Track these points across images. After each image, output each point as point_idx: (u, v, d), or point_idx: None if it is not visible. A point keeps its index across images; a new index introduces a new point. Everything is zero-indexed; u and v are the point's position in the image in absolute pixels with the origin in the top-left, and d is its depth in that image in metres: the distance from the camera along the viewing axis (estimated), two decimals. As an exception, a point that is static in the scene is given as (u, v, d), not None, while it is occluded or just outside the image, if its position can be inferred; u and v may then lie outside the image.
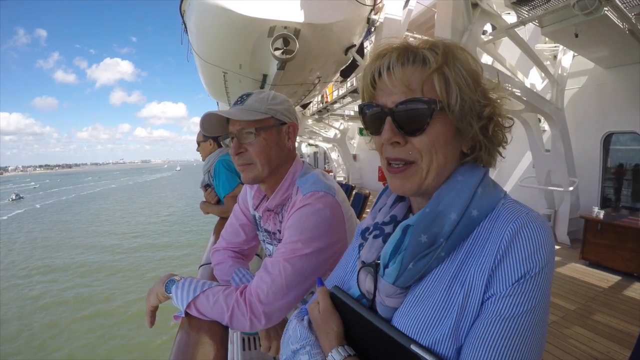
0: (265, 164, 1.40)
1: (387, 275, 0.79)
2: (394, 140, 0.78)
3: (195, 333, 1.20)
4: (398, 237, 0.79)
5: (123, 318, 14.23)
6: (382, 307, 0.82)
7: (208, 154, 3.43)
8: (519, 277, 0.68)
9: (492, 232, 0.74)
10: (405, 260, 0.76)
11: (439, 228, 0.75)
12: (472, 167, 0.82)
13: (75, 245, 27.44)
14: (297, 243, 1.25)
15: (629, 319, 4.35)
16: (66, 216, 44.17)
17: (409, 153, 0.78)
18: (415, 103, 0.75)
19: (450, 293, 0.73)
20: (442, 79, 0.75)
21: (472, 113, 0.77)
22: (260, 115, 1.37)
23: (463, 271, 0.73)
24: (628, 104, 7.06)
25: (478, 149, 0.82)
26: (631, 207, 7.42)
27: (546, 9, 5.10)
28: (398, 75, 0.76)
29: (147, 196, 69.85)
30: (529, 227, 0.70)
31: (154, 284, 1.39)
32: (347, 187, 5.84)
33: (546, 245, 0.70)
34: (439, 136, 0.77)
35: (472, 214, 0.75)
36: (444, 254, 0.76)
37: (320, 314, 0.91)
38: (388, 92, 0.79)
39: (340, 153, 21.57)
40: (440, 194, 0.78)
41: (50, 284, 18.68)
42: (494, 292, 0.69)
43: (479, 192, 0.77)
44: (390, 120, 0.78)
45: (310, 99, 15.00)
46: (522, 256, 0.68)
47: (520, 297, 0.68)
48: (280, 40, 7.04)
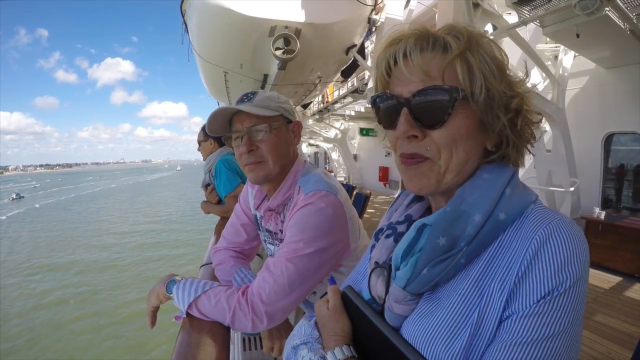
0: (277, 161, 1.40)
1: (398, 279, 0.72)
2: (410, 133, 0.70)
3: (197, 334, 1.20)
4: (412, 236, 0.71)
5: (120, 318, 14.24)
6: (391, 313, 0.75)
7: (209, 154, 3.43)
8: (545, 294, 0.58)
9: (517, 239, 0.65)
10: (420, 263, 0.68)
11: (461, 230, 0.66)
12: (500, 165, 0.74)
13: (73, 245, 27.51)
14: (299, 242, 1.25)
15: (630, 320, 4.35)
16: (65, 215, 44.30)
17: (427, 148, 0.70)
18: (435, 92, 0.67)
19: (466, 307, 0.64)
20: (465, 65, 0.68)
21: (499, 104, 0.69)
22: (272, 112, 1.38)
23: (482, 283, 0.65)
24: (629, 105, 7.04)
25: (505, 146, 0.73)
26: (632, 208, 7.40)
27: (547, 9, 5.08)
28: (416, 61, 0.68)
29: (146, 196, 70.04)
30: (559, 234, 0.61)
31: (155, 284, 1.38)
32: (348, 187, 5.85)
33: (580, 255, 0.61)
34: (461, 130, 0.69)
35: (498, 216, 0.66)
36: (464, 261, 0.67)
37: (329, 312, 0.86)
38: (405, 81, 0.71)
39: (340, 153, 21.55)
40: (463, 191, 0.70)
41: (46, 283, 18.72)
42: (514, 310, 0.60)
43: (507, 192, 0.69)
44: (407, 111, 0.70)
45: (311, 99, 15.00)
46: (550, 268, 0.59)
47: (545, 317, 0.58)
48: (281, 40, 7.04)
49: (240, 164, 1.43)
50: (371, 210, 12.87)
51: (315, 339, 0.87)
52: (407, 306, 0.73)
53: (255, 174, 1.40)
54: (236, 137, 1.39)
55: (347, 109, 17.00)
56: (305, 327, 0.93)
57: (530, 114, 0.74)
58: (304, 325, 0.93)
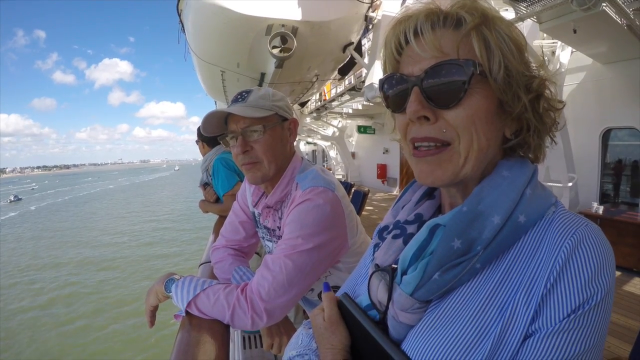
0: (272, 161, 1.39)
1: (405, 284, 0.65)
2: (421, 114, 0.63)
3: (196, 332, 1.19)
4: (424, 237, 0.65)
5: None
6: (395, 322, 0.68)
7: (205, 153, 3.45)
8: (575, 307, 0.53)
9: (542, 245, 0.59)
10: (430, 267, 0.62)
11: (478, 233, 0.60)
12: (520, 161, 0.68)
13: (68, 245, 27.33)
14: (298, 239, 1.24)
15: (629, 314, 4.36)
16: (59, 218, 44.17)
17: (443, 131, 0.63)
18: (450, 67, 0.61)
19: (485, 319, 0.58)
20: (481, 39, 0.62)
21: (519, 84, 0.63)
22: (266, 112, 1.37)
23: (503, 291, 0.59)
24: (626, 100, 7.06)
25: (525, 131, 0.67)
26: (630, 203, 7.43)
27: (544, 5, 5.08)
28: (428, 37, 0.62)
29: (143, 196, 69.79)
30: (589, 242, 0.56)
31: (154, 283, 1.37)
32: (346, 185, 5.85)
33: (610, 265, 0.57)
34: (479, 111, 0.62)
35: (518, 219, 0.61)
36: (479, 266, 0.61)
37: (325, 323, 0.78)
38: (416, 59, 0.65)
39: (338, 151, 21.56)
40: (482, 190, 0.64)
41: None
42: (541, 325, 0.54)
43: (527, 193, 0.63)
44: (418, 90, 0.63)
45: (308, 97, 15.00)
46: (581, 280, 0.54)
47: (575, 334, 0.53)
48: (278, 39, 7.03)
49: (237, 163, 1.42)
50: (369, 208, 12.90)
51: (313, 350, 0.83)
52: (414, 315, 0.66)
53: (253, 175, 1.40)
54: (232, 137, 1.38)
55: (344, 106, 17.01)
56: (303, 336, 0.89)
57: (552, 99, 0.68)
58: (302, 335, 0.90)
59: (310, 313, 0.86)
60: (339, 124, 20.21)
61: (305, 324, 0.92)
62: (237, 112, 1.32)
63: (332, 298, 0.82)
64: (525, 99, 0.63)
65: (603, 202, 7.37)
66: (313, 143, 26.34)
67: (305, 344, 0.86)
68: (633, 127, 7.09)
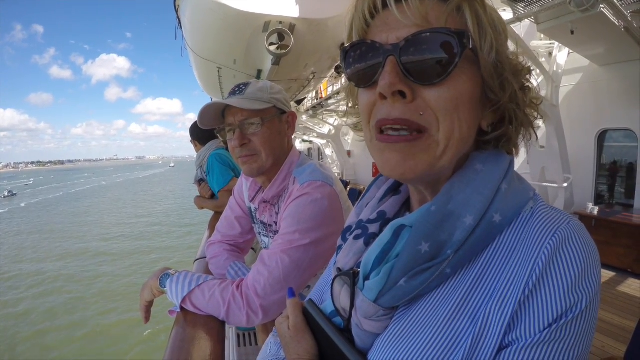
0: (270, 154, 1.38)
1: (368, 290, 0.59)
2: (397, 88, 0.53)
3: (191, 328, 1.18)
4: (387, 239, 0.59)
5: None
6: (360, 331, 0.63)
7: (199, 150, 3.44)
8: (557, 317, 0.48)
9: (519, 246, 0.53)
10: (395, 272, 0.56)
11: (447, 235, 0.54)
12: (495, 154, 0.61)
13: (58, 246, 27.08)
14: (295, 234, 1.23)
15: (623, 314, 4.38)
16: (49, 215, 43.72)
17: (419, 114, 0.53)
18: (438, 35, 0.51)
19: (455, 328, 0.53)
20: (473, 14, 0.54)
21: (509, 69, 0.57)
22: (264, 105, 1.35)
23: (474, 298, 0.53)
24: (623, 101, 7.09)
25: (507, 124, 0.60)
26: (625, 204, 7.47)
27: (542, 5, 5.09)
28: (414, 4, 0.52)
29: (135, 193, 69.39)
30: (573, 242, 0.50)
31: (148, 278, 1.35)
32: (342, 183, 5.84)
33: (596, 267, 0.51)
34: (465, 94, 0.54)
35: (493, 218, 0.55)
36: (450, 271, 0.55)
37: (290, 331, 0.74)
38: (392, 26, 0.55)
39: (334, 149, 21.52)
40: (452, 186, 0.57)
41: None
42: (518, 336, 0.49)
43: (503, 188, 0.56)
44: (394, 60, 0.53)
45: (304, 94, 14.97)
46: (564, 286, 0.48)
47: (557, 346, 0.48)
48: (275, 36, 6.99)
49: (233, 156, 1.41)
50: (365, 207, 12.89)
51: (281, 359, 0.79)
52: (379, 323, 0.61)
53: (249, 167, 1.38)
54: (229, 130, 1.37)
55: (341, 104, 16.98)
56: (272, 345, 0.86)
57: (533, 92, 0.62)
58: (270, 344, 0.87)
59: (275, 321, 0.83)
60: (335, 122, 20.18)
61: (274, 333, 0.89)
62: (235, 104, 1.31)
63: (296, 305, 0.78)
64: (515, 86, 0.57)
65: (598, 203, 7.40)
66: (309, 141, 26.32)
67: (273, 353, 0.84)
68: (629, 129, 7.13)
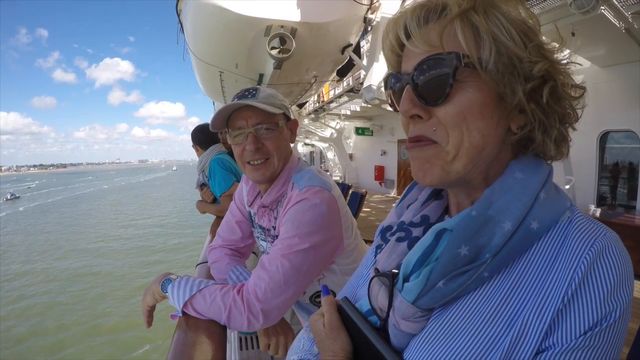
0: (281, 158, 1.40)
1: (407, 291, 0.61)
2: (412, 112, 0.60)
3: (193, 333, 1.18)
4: (429, 242, 0.61)
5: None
6: (396, 331, 0.64)
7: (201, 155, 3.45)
8: (592, 324, 0.50)
9: (559, 255, 0.55)
10: (435, 275, 0.58)
11: (486, 239, 0.56)
12: (535, 162, 0.63)
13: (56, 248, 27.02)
14: (294, 238, 1.24)
15: (626, 317, 4.37)
16: (46, 221, 43.43)
17: (432, 129, 0.60)
18: (433, 61, 0.58)
19: (492, 331, 0.54)
20: (467, 27, 0.57)
21: (514, 71, 0.57)
22: (278, 110, 1.38)
23: (512, 302, 0.55)
24: (624, 103, 7.09)
25: (529, 125, 0.60)
26: (627, 205, 7.46)
27: (543, 7, 5.10)
28: (416, 34, 0.60)
29: (136, 197, 69.24)
30: (610, 253, 0.53)
31: (150, 283, 1.37)
32: (344, 186, 5.85)
33: (630, 278, 0.53)
34: (472, 106, 0.57)
35: (530, 225, 0.56)
36: (487, 275, 0.57)
37: (325, 329, 0.74)
38: (410, 56, 0.63)
39: (336, 152, 21.56)
40: (492, 193, 0.59)
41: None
42: (555, 341, 0.51)
43: (541, 197, 0.58)
44: (410, 88, 0.61)
45: (306, 98, 14.99)
46: (600, 295, 0.51)
47: (591, 352, 0.50)
48: (276, 40, 7.01)
49: (240, 161, 1.42)
50: (367, 209, 12.91)
51: (314, 355, 0.80)
52: (416, 323, 0.62)
53: (262, 173, 1.39)
54: (238, 134, 1.37)
55: (342, 108, 17.03)
56: (305, 340, 0.86)
57: (565, 85, 0.61)
58: (304, 339, 0.87)
59: (309, 317, 0.83)
60: (336, 125, 20.22)
61: (307, 327, 0.89)
62: (256, 104, 1.32)
63: (332, 302, 0.78)
64: (520, 89, 0.57)
65: (600, 205, 7.40)
66: (311, 144, 26.37)
67: (306, 349, 0.84)
68: (630, 130, 7.12)
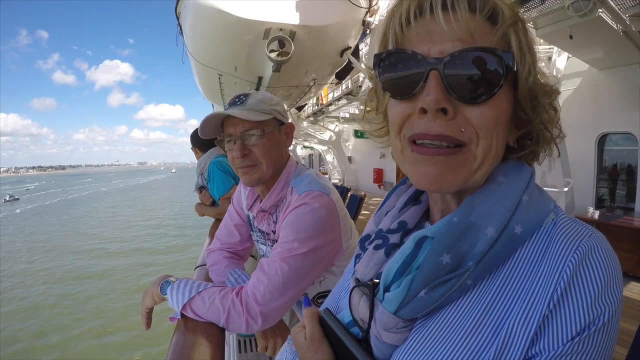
0: (270, 164, 1.39)
1: (388, 301, 0.58)
2: (442, 105, 0.52)
3: (192, 335, 1.19)
4: (409, 251, 0.58)
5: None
6: (378, 342, 0.62)
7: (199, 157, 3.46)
8: (580, 329, 0.48)
9: (542, 259, 0.53)
10: (416, 284, 0.55)
11: (469, 246, 0.54)
12: (517, 165, 0.62)
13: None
14: (294, 242, 1.24)
15: (625, 318, 4.35)
16: (42, 223, 43.19)
17: (461, 130, 0.53)
18: (487, 55, 0.52)
19: (477, 340, 0.53)
20: (517, 39, 0.55)
21: (542, 90, 0.58)
22: (265, 116, 1.38)
23: (497, 310, 0.53)
24: (622, 105, 7.12)
25: (534, 142, 0.62)
26: (625, 207, 7.46)
27: (541, 10, 5.12)
28: (463, 16, 0.53)
29: (135, 199, 68.92)
30: (597, 255, 0.51)
31: (149, 285, 1.37)
32: (343, 189, 5.84)
33: (618, 280, 0.51)
34: (504, 114, 0.55)
35: (514, 230, 0.55)
36: (471, 282, 0.55)
37: (307, 341, 0.72)
38: (435, 38, 0.54)
39: (335, 155, 21.55)
40: (474, 198, 0.57)
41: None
42: (542, 348, 0.49)
43: (524, 200, 0.57)
44: (438, 75, 0.52)
45: (305, 101, 15.03)
46: (588, 299, 0.49)
47: (582, 357, 0.48)
48: (275, 42, 7.03)
49: (233, 166, 1.43)
50: (366, 212, 12.87)
51: None
52: (399, 334, 0.60)
53: (249, 177, 1.40)
54: (229, 141, 1.39)
55: (341, 111, 17.04)
56: (287, 353, 0.85)
57: (558, 112, 0.63)
58: (286, 352, 0.86)
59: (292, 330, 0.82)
60: (335, 128, 20.24)
61: (289, 340, 0.88)
62: (237, 114, 1.32)
63: (313, 314, 0.76)
64: (547, 108, 0.59)
65: (599, 207, 7.41)
66: (310, 147, 26.37)
67: None
68: (629, 132, 7.14)
